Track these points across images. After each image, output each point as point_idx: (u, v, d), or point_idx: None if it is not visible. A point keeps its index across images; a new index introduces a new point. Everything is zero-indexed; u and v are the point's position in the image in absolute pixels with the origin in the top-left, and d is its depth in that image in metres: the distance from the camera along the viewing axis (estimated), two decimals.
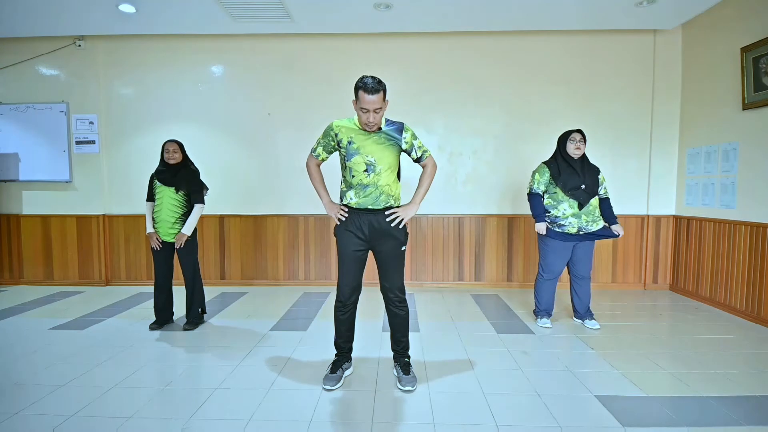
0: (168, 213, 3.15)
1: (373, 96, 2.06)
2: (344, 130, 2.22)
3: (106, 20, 4.05)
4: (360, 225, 2.23)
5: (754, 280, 3.42)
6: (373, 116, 2.10)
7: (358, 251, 2.26)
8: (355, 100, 2.12)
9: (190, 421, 1.97)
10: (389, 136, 2.22)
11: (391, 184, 2.24)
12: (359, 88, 2.08)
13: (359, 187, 2.20)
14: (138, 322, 3.40)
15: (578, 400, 2.16)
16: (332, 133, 2.24)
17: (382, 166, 2.19)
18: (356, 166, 2.19)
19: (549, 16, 3.97)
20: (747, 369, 2.52)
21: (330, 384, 2.26)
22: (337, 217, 2.27)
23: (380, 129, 2.22)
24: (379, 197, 2.21)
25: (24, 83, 4.58)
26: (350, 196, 2.23)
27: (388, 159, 2.20)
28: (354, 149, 2.19)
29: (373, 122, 2.12)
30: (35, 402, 2.13)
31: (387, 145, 2.21)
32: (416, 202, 2.29)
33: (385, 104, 2.12)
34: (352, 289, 2.30)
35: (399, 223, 2.24)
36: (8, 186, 4.68)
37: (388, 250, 2.26)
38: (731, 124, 3.65)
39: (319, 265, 4.65)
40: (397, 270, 2.30)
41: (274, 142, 4.57)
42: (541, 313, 3.33)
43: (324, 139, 2.29)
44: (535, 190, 3.19)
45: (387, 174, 2.21)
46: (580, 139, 3.07)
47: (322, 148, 2.31)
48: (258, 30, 4.31)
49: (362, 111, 2.11)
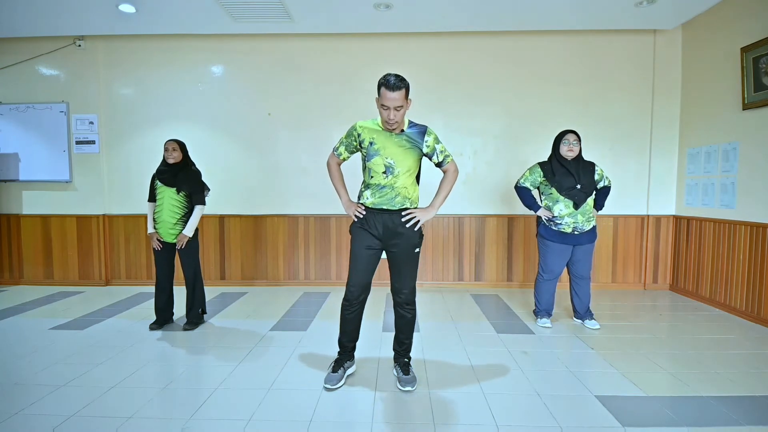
0: (169, 214, 3.15)
1: (394, 93, 2.05)
2: (367, 131, 2.22)
3: (106, 20, 4.05)
4: (375, 223, 2.23)
5: (754, 280, 3.42)
6: (393, 114, 2.09)
7: (371, 249, 2.25)
8: (378, 97, 2.12)
9: (190, 421, 1.97)
10: (411, 138, 2.22)
11: (408, 186, 2.24)
12: (381, 85, 2.08)
13: (376, 188, 2.21)
14: (138, 322, 3.40)
15: (578, 400, 2.16)
16: (355, 134, 2.25)
17: (400, 169, 2.19)
18: (375, 167, 2.19)
19: (549, 16, 3.97)
20: (747, 369, 2.52)
21: (332, 383, 2.26)
22: (354, 214, 2.27)
23: (403, 131, 2.22)
24: (395, 198, 2.21)
25: (24, 83, 4.58)
26: (367, 195, 2.24)
27: (407, 162, 2.20)
28: (375, 150, 2.19)
29: (393, 120, 2.11)
30: (35, 402, 2.13)
31: (408, 147, 2.20)
32: (435, 206, 2.28)
33: (407, 103, 2.12)
34: (361, 288, 2.28)
35: (414, 225, 2.23)
36: (8, 186, 4.68)
37: (401, 251, 2.25)
38: (731, 124, 3.65)
39: (319, 265, 4.65)
40: (409, 271, 2.28)
41: (274, 142, 4.57)
42: (541, 313, 3.33)
43: (347, 138, 2.30)
44: (521, 184, 3.23)
45: (405, 177, 2.21)
46: (573, 141, 3.06)
47: (344, 147, 2.32)
48: (258, 30, 4.31)
49: (383, 108, 2.10)
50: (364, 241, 2.25)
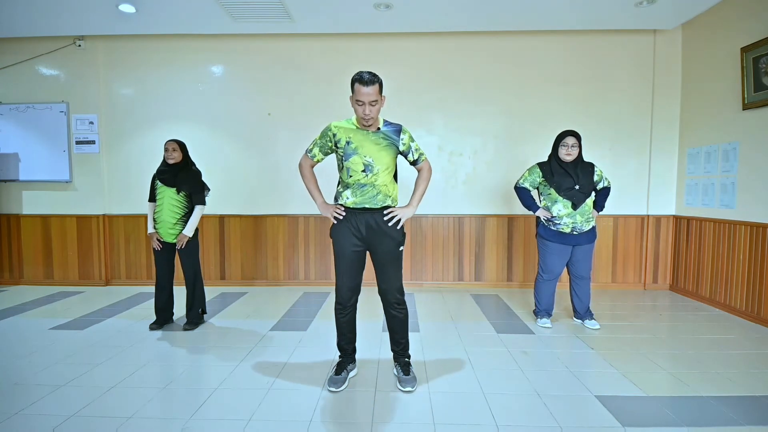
0: (169, 214, 3.15)
1: (368, 88, 2.06)
2: (342, 131, 2.21)
3: (106, 20, 4.05)
4: (357, 224, 2.21)
5: (754, 280, 3.42)
6: (369, 109, 2.09)
7: (355, 250, 2.23)
8: (352, 95, 2.12)
9: (190, 421, 1.97)
10: (387, 136, 2.22)
11: (388, 184, 2.23)
12: (355, 81, 2.09)
13: (356, 187, 2.20)
14: (138, 322, 3.40)
15: (578, 400, 2.16)
16: (330, 134, 2.23)
17: (380, 167, 2.18)
18: (354, 166, 2.18)
19: (549, 16, 3.97)
20: (747, 369, 2.52)
21: (335, 386, 2.26)
22: (333, 216, 2.25)
23: (378, 129, 2.21)
24: (377, 196, 2.20)
25: (24, 83, 4.58)
26: (347, 195, 2.22)
27: (385, 159, 2.20)
28: (352, 149, 2.18)
29: (369, 114, 2.11)
30: (35, 402, 2.13)
31: (384, 145, 2.20)
32: (413, 204, 2.29)
33: (382, 99, 2.13)
34: (351, 290, 2.27)
35: (396, 223, 2.23)
36: (8, 186, 4.68)
37: (385, 251, 2.23)
38: (731, 124, 3.65)
39: (319, 265, 4.65)
40: (394, 271, 2.28)
41: (274, 142, 4.57)
42: (541, 313, 3.33)
43: (321, 139, 2.28)
44: (520, 185, 3.24)
45: (385, 174, 2.21)
46: (572, 144, 3.05)
47: (319, 148, 2.30)
48: (258, 30, 4.31)
49: (358, 104, 2.10)
50: (347, 242, 2.22)
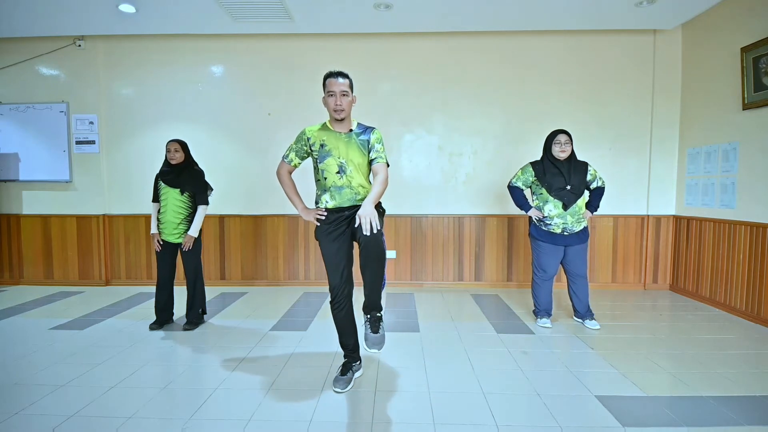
0: (173, 214, 3.15)
1: (338, 78, 2.14)
2: (316, 134, 2.25)
3: (106, 20, 4.05)
4: (339, 219, 2.22)
5: (754, 280, 3.42)
6: (340, 99, 2.14)
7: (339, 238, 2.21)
8: (324, 96, 2.18)
9: (190, 421, 1.97)
10: (359, 137, 2.25)
11: (365, 185, 2.25)
12: (326, 78, 2.17)
13: (334, 189, 2.21)
14: (138, 322, 3.39)
15: (578, 400, 2.16)
16: (304, 138, 2.27)
17: (352, 168, 2.21)
18: (329, 168, 2.20)
19: (549, 16, 3.97)
20: (747, 369, 2.52)
21: (340, 386, 2.25)
22: (315, 218, 2.26)
23: (351, 131, 2.25)
24: (355, 197, 2.22)
25: (24, 83, 4.58)
26: (326, 199, 2.24)
27: (358, 159, 2.22)
28: (327, 151, 2.21)
29: (341, 105, 2.14)
30: (35, 402, 2.13)
31: (357, 146, 2.23)
32: (370, 201, 2.03)
33: (353, 96, 2.19)
34: (342, 280, 2.25)
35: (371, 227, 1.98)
36: (8, 186, 4.68)
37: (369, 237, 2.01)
38: (731, 124, 3.65)
39: (319, 265, 4.64)
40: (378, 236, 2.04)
41: (274, 142, 4.57)
42: (541, 313, 3.33)
43: (296, 144, 2.30)
44: (513, 184, 3.26)
45: (359, 175, 2.23)
46: (565, 141, 3.06)
47: (295, 153, 2.31)
48: (258, 30, 4.31)
49: (330, 96, 2.15)
50: (332, 237, 2.22)
